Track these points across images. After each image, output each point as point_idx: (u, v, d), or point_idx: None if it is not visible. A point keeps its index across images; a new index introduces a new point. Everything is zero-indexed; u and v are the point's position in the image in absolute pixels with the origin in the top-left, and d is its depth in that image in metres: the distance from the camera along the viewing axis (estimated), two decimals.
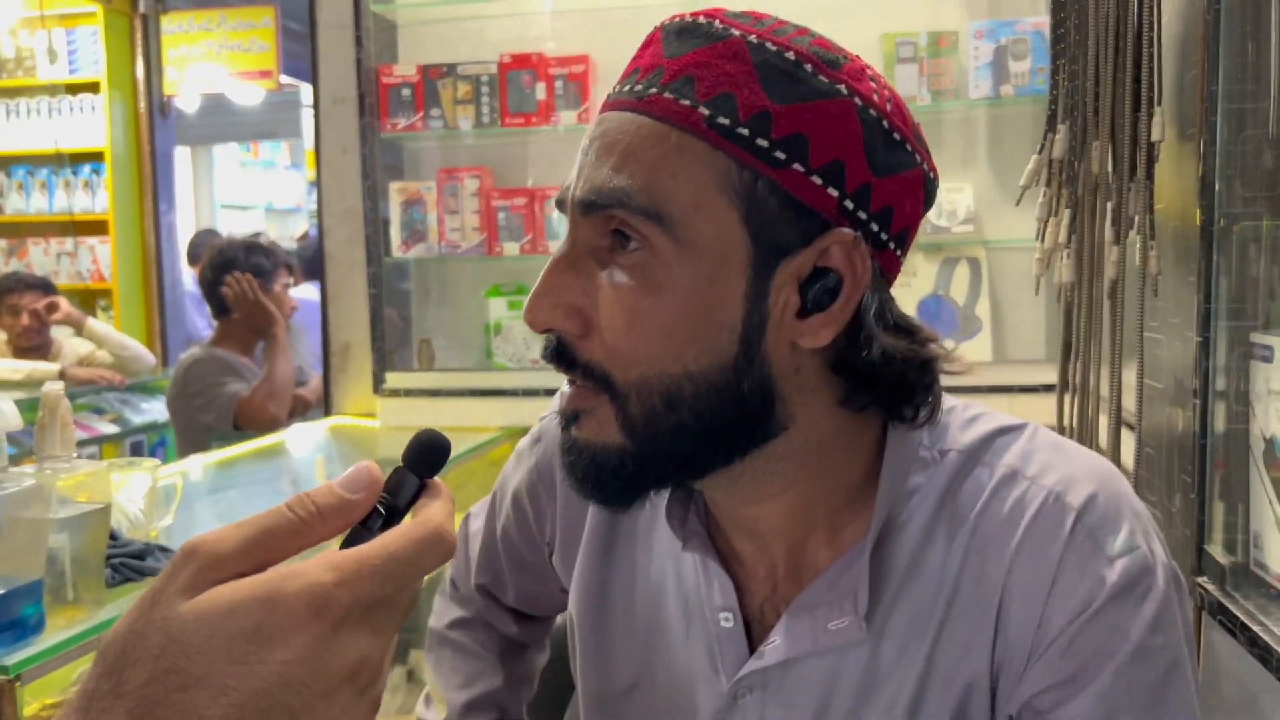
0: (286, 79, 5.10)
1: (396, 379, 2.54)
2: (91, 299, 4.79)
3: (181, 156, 6.03)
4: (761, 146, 0.61)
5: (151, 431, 4.17)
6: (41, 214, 4.80)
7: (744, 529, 0.72)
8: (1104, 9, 1.28)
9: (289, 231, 7.42)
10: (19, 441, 2.76)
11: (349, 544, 0.39)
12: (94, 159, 4.75)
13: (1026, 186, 1.40)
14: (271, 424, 2.63)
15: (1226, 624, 1.11)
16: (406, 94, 2.51)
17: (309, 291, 3.54)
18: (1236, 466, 1.18)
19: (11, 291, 3.81)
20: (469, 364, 2.61)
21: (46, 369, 3.72)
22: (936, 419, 0.69)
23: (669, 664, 0.76)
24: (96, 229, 4.79)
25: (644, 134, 0.62)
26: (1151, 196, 1.25)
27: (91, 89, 4.75)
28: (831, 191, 0.62)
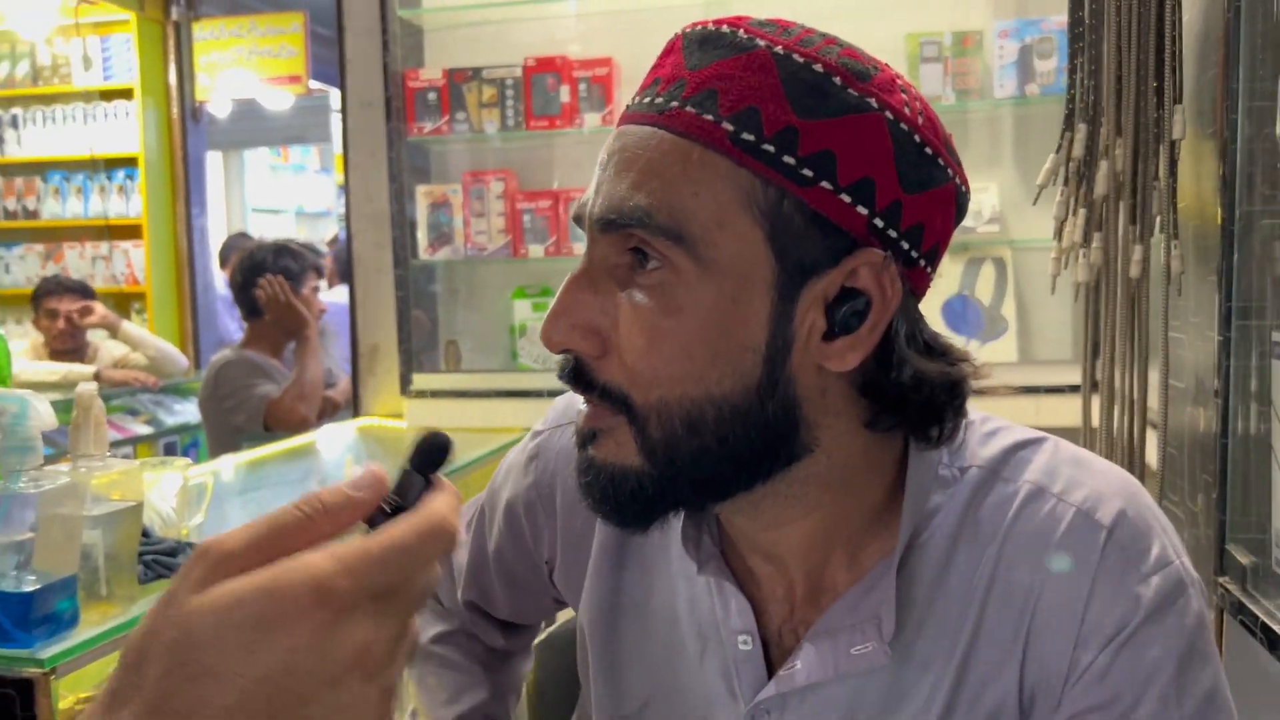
0: (315, 84, 5.16)
1: (423, 380, 2.57)
2: (126, 302, 4.86)
3: (213, 161, 6.10)
4: (788, 164, 0.58)
5: (184, 432, 4.23)
6: (77, 218, 4.89)
7: (762, 552, 0.70)
8: (1124, 7, 1.28)
9: (319, 235, 7.49)
10: (54, 441, 2.81)
11: None
12: (128, 164, 4.83)
13: (1044, 185, 1.39)
14: (301, 425, 2.67)
15: (1247, 624, 1.11)
16: (432, 98, 2.54)
17: (340, 294, 3.58)
18: (1258, 466, 1.17)
19: (50, 295, 3.88)
20: (494, 365, 2.63)
21: (82, 371, 3.79)
22: (957, 435, 0.67)
23: (683, 686, 0.74)
24: (130, 233, 4.86)
25: (665, 149, 0.60)
26: (1173, 195, 1.25)
27: (125, 95, 4.83)
28: (861, 210, 0.59)
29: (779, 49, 0.59)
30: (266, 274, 2.81)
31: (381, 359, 2.64)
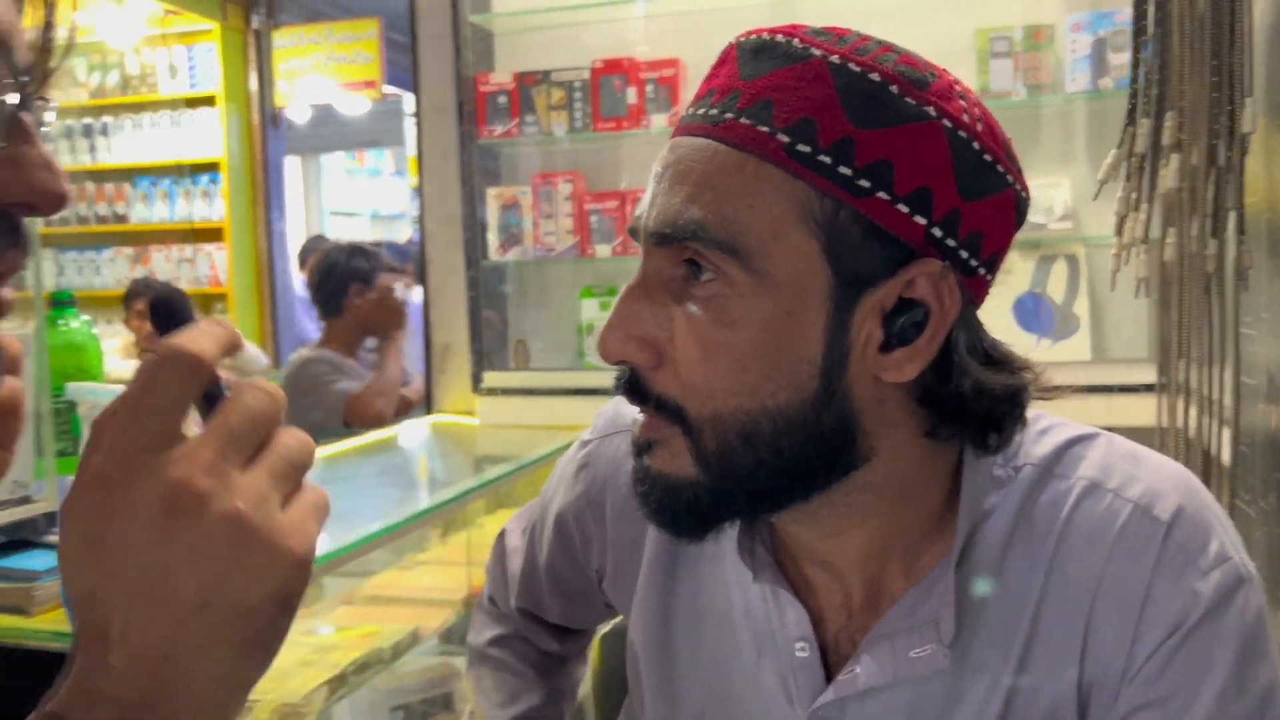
0: (390, 89, 5.27)
1: (494, 378, 2.62)
2: (209, 303, 5.03)
3: (291, 165, 6.28)
4: (844, 174, 0.58)
5: None
6: (163, 222, 5.07)
7: (819, 560, 0.70)
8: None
9: (394, 237, 7.65)
10: None
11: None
12: (211, 169, 5.00)
13: (1105, 181, 1.38)
14: (378, 421, 2.74)
15: None
16: (503, 101, 2.59)
17: (415, 295, 3.67)
18: None
19: (139, 296, 4.03)
20: (562, 364, 2.67)
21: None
22: (1013, 441, 0.67)
23: (739, 694, 0.74)
24: (214, 236, 5.03)
25: (719, 162, 0.60)
26: (1242, 189, 1.23)
27: (209, 102, 4.99)
28: (918, 219, 0.59)
29: (834, 58, 0.59)
30: (340, 274, 2.90)
31: (453, 357, 2.70)
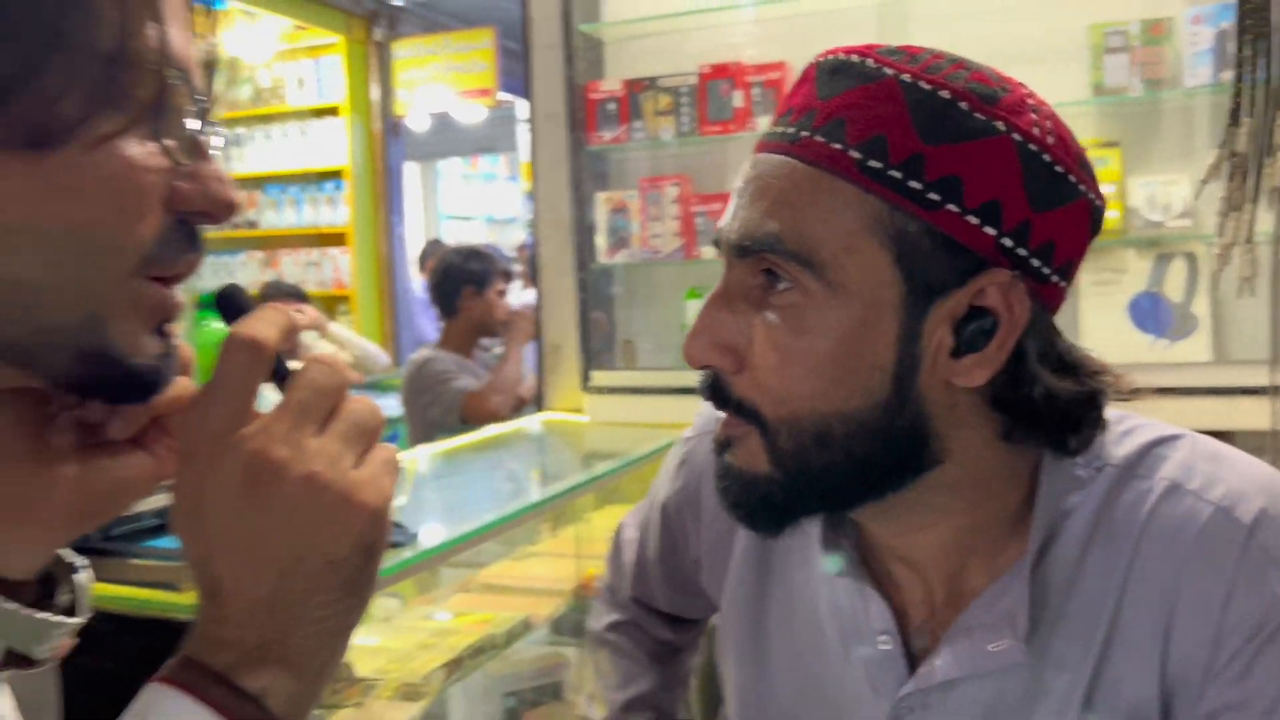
0: (504, 95, 5.41)
1: (602, 377, 2.68)
2: (333, 304, 5.25)
3: (410, 172, 6.49)
4: (914, 189, 0.60)
5: (387, 425, 4.53)
6: (292, 227, 5.32)
7: (900, 557, 0.72)
8: None
9: (508, 240, 7.83)
10: None
11: None
12: (336, 176, 5.22)
13: (1207, 181, 1.36)
14: (494, 418, 2.85)
15: None
16: (611, 108, 2.65)
17: (530, 296, 3.78)
18: None
19: (271, 299, 4.25)
20: (668, 363, 2.72)
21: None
22: (1093, 444, 0.68)
23: (827, 685, 0.77)
24: (338, 240, 5.26)
25: (795, 178, 0.62)
26: None
27: (333, 112, 5.22)
28: (988, 230, 0.61)
29: (906, 77, 0.61)
30: (457, 277, 3.02)
31: (564, 357, 2.77)
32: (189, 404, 0.49)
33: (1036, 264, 0.62)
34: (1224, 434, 0.74)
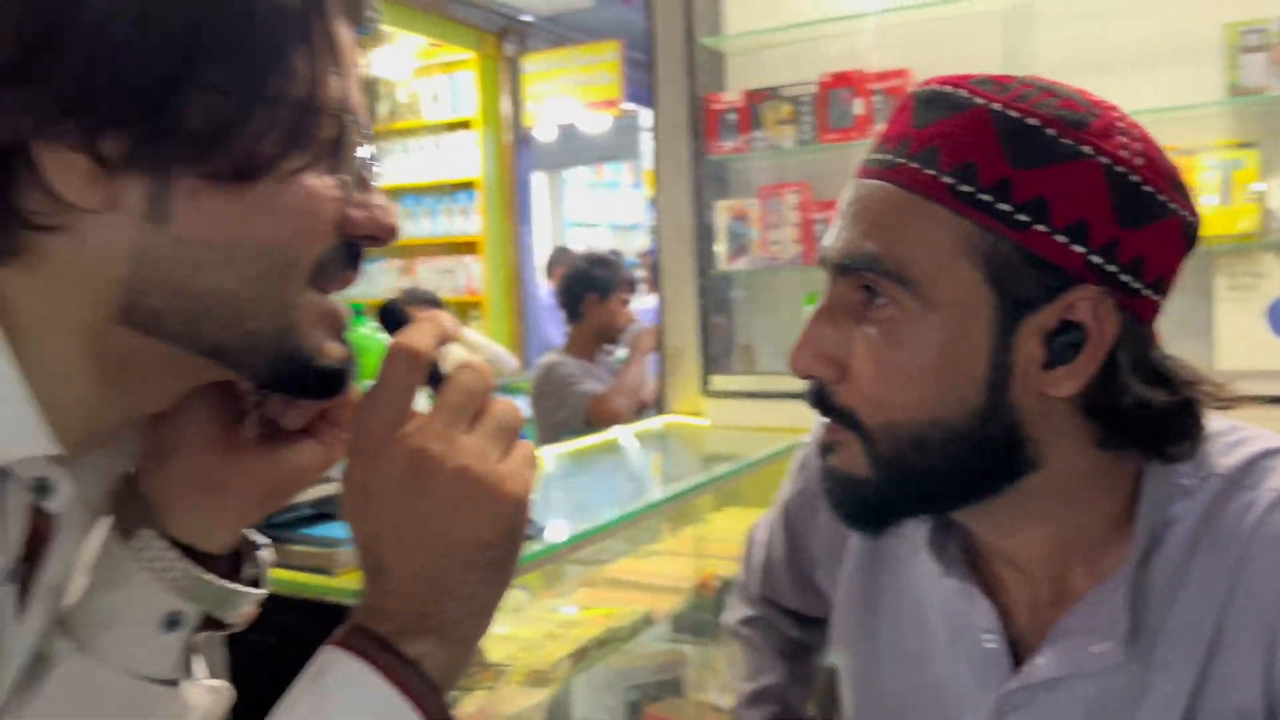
0: (628, 104, 5.52)
1: (721, 381, 2.74)
2: (466, 310, 5.45)
3: (538, 181, 6.66)
4: (1003, 210, 0.63)
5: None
6: (427, 237, 5.54)
7: (1003, 558, 0.75)
8: None
9: (631, 246, 7.95)
10: None
11: None
12: (468, 187, 5.42)
13: None
14: (617, 420, 2.93)
15: None
16: (732, 118, 2.70)
17: (653, 301, 3.87)
18: None
19: (409, 305, 4.45)
20: (786, 368, 2.75)
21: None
22: (1195, 453, 0.69)
23: (935, 681, 0.79)
24: (470, 248, 5.45)
25: (892, 202, 0.66)
26: None
27: (466, 126, 5.41)
28: (1076, 249, 0.63)
29: (995, 106, 0.65)
30: (582, 283, 3.13)
31: (684, 361, 2.83)
32: (356, 404, 0.56)
33: (1126, 279, 0.65)
34: None
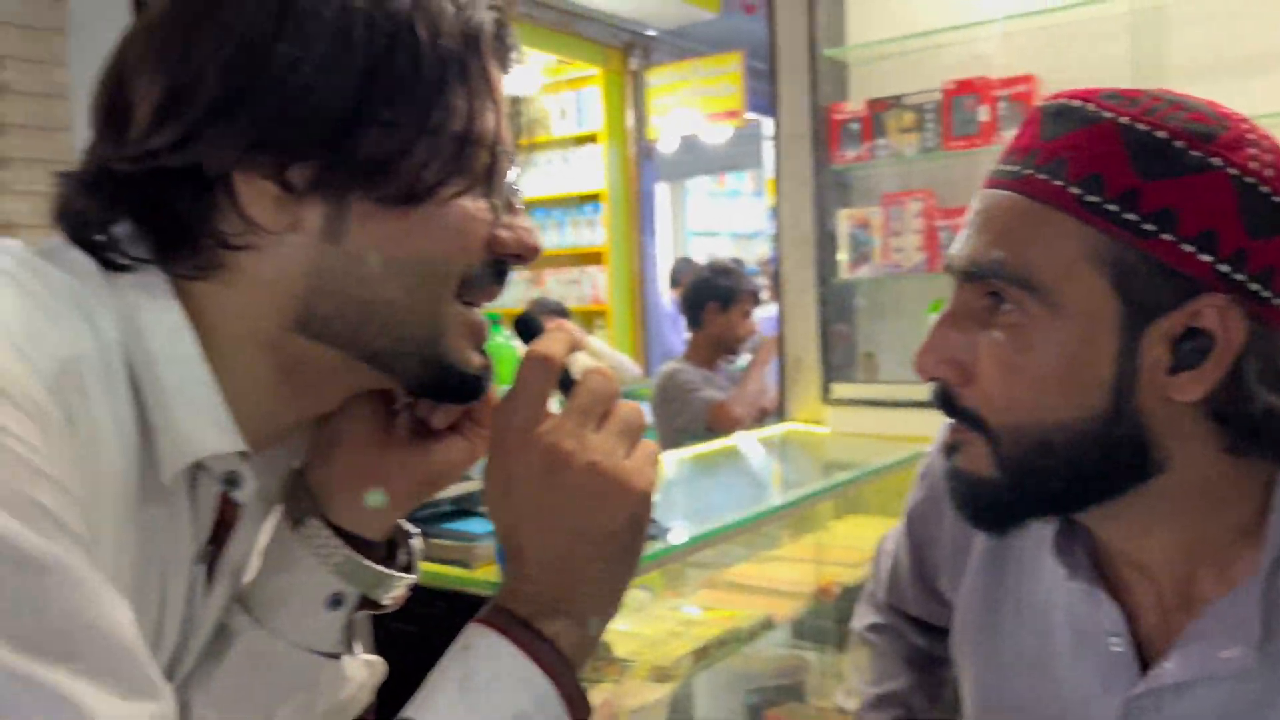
0: (750, 114, 5.55)
1: (842, 389, 2.75)
2: (591, 319, 5.57)
3: (660, 192, 6.75)
4: (1130, 220, 0.64)
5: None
6: (555, 248, 5.68)
7: (1129, 561, 0.75)
8: None
9: (752, 254, 7.96)
10: None
11: None
12: (594, 200, 5.54)
13: None
14: (737, 427, 2.97)
15: None
16: (855, 128, 2.72)
17: (774, 310, 3.89)
18: None
19: (539, 315, 4.59)
20: (909, 376, 2.73)
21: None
22: None
23: (1059, 684, 0.79)
24: (595, 259, 5.57)
25: (1019, 211, 0.68)
26: None
27: (592, 139, 5.54)
28: (1204, 258, 0.64)
29: (1124, 119, 0.66)
30: (704, 293, 3.19)
31: (805, 369, 2.85)
32: (496, 406, 0.63)
33: (1255, 288, 0.65)
34: None
